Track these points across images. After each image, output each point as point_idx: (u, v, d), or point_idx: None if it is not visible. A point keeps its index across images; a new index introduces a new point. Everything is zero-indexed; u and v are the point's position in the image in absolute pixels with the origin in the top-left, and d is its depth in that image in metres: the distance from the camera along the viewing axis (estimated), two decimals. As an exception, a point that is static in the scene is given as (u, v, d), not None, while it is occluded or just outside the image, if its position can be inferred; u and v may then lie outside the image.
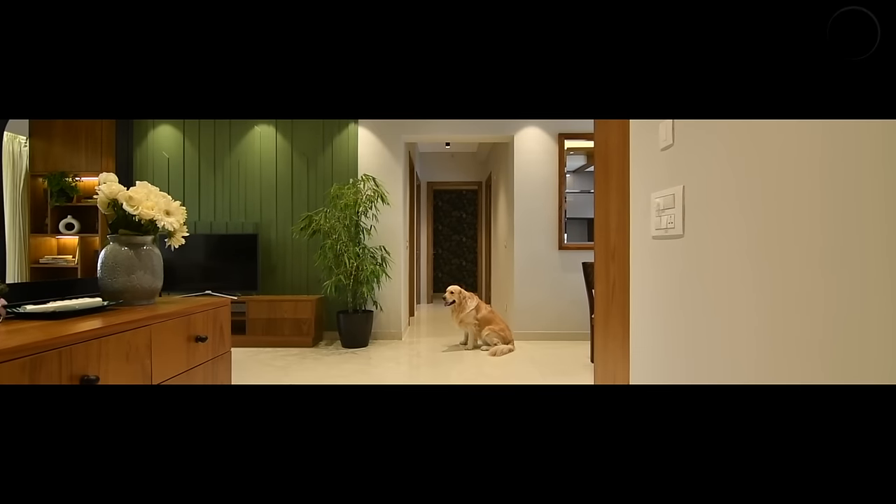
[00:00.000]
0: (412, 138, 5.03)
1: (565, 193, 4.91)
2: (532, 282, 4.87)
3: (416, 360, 4.08)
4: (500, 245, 5.94)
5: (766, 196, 1.13)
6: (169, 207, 1.30)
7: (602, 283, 2.23)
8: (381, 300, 4.83)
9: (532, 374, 3.57)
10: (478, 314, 4.44)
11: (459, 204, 8.87)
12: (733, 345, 1.22)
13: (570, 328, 4.85)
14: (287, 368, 3.74)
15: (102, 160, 4.57)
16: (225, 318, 1.45)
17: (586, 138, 4.90)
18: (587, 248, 4.88)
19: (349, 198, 4.34)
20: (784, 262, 1.05)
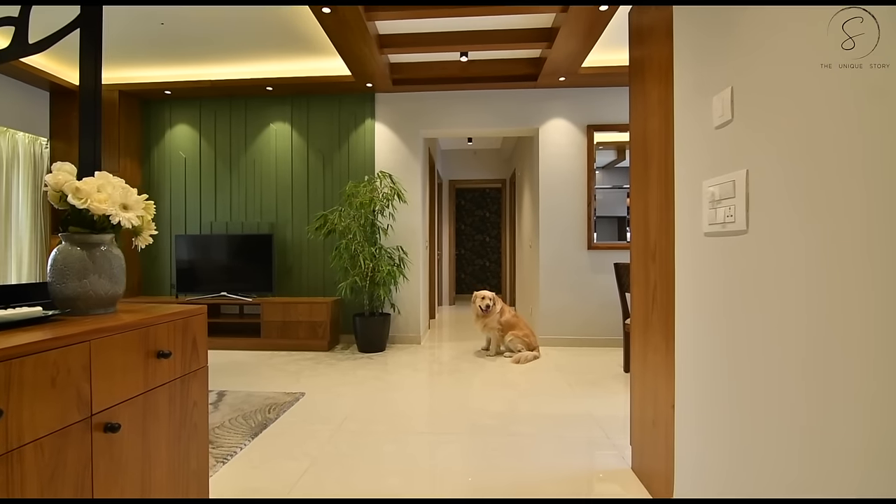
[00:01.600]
0: (431, 133, 4.81)
1: (595, 189, 4.59)
2: (558, 284, 4.58)
3: (435, 366, 3.85)
4: (525, 245, 5.65)
5: (868, 180, 0.84)
6: (126, 200, 1.11)
7: (640, 287, 1.95)
8: (398, 303, 4.62)
9: (559, 385, 3.29)
10: (501, 318, 4.18)
11: (483, 202, 8.61)
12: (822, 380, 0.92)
13: (599, 334, 4.53)
14: (299, 374, 3.57)
15: (120, 160, 4.55)
16: (199, 329, 1.25)
17: (618, 130, 4.56)
18: (619, 248, 4.55)
19: (364, 196, 4.15)
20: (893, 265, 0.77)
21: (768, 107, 1.11)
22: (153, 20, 3.54)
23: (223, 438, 2.32)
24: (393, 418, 2.65)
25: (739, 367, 1.21)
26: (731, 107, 1.27)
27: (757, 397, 1.13)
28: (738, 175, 1.22)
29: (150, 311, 1.17)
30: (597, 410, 2.77)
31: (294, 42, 3.91)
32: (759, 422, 1.12)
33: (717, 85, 1.34)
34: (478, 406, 2.86)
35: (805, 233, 0.97)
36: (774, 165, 1.08)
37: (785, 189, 1.04)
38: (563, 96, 4.59)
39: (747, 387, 1.17)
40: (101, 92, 1.36)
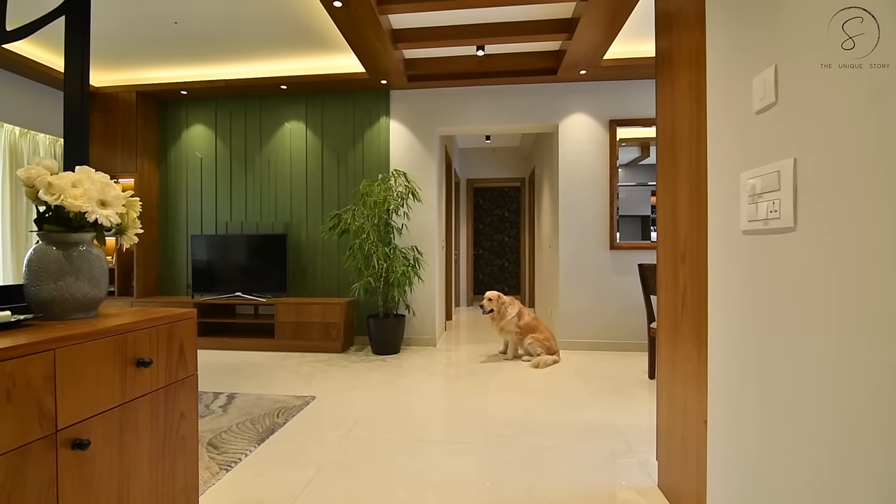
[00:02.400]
0: (448, 130, 4.70)
1: (617, 187, 4.40)
2: (579, 285, 4.41)
3: (451, 370, 3.74)
4: (544, 245, 5.49)
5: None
6: (104, 196, 1.02)
7: (668, 291, 1.79)
8: (413, 304, 4.53)
9: (580, 392, 3.13)
10: (520, 321, 4.03)
11: (501, 202, 8.45)
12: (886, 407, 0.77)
13: (622, 337, 4.34)
14: (312, 376, 3.50)
15: (137, 160, 4.57)
16: (187, 335, 1.16)
17: (642, 124, 4.37)
18: (643, 248, 4.36)
19: (378, 195, 4.06)
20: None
21: (818, 88, 0.96)
22: (167, 20, 3.53)
23: (229, 444, 2.25)
24: (404, 425, 2.55)
25: (780, 383, 1.06)
26: (775, 88, 1.12)
27: (796, 421, 0.98)
28: (784, 165, 1.07)
29: (132, 316, 1.09)
30: (620, 420, 2.61)
31: (308, 40, 3.86)
32: (799, 449, 0.97)
33: (757, 65, 1.18)
34: (493, 413, 2.73)
35: (865, 231, 0.82)
36: (828, 152, 0.93)
37: (841, 179, 0.89)
38: (584, 90, 4.42)
39: (789, 408, 1.02)
40: (89, 84, 1.29)
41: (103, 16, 3.45)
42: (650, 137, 4.41)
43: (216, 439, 2.30)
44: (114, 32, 3.71)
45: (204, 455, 2.12)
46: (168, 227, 4.86)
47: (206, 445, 2.23)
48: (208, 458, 2.09)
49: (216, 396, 2.97)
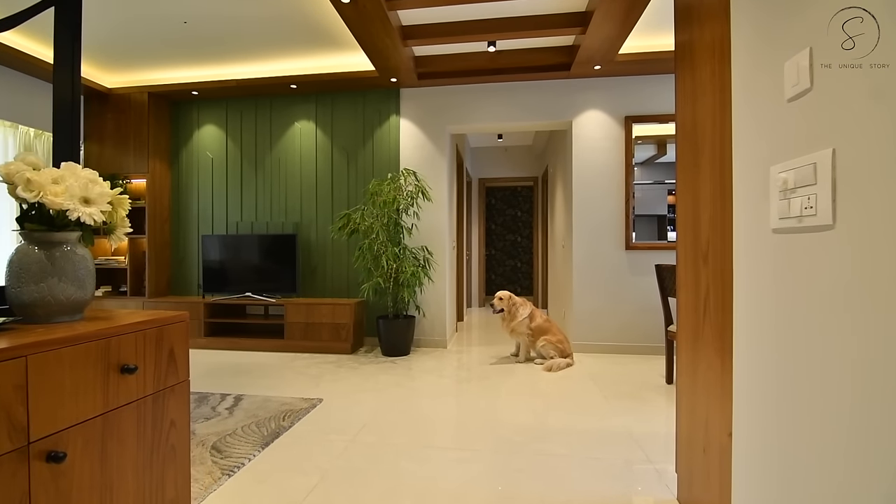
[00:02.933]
0: (458, 129, 4.62)
1: (633, 185, 4.27)
2: (593, 286, 4.29)
3: (461, 372, 3.66)
4: (558, 245, 5.38)
5: None
6: (88, 193, 0.97)
7: (689, 293, 1.69)
8: (423, 305, 4.46)
9: (594, 396, 3.03)
10: (531, 323, 3.94)
11: (514, 201, 8.34)
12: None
13: (638, 340, 4.22)
14: (320, 378, 3.46)
15: (149, 161, 4.59)
16: (177, 339, 1.10)
17: (659, 121, 4.24)
18: (660, 249, 4.22)
19: (387, 195, 4.00)
20: None
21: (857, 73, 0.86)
22: (176, 20, 3.52)
23: (233, 448, 2.21)
24: (412, 430, 2.48)
25: (814, 398, 0.96)
26: (810, 72, 1.02)
27: (831, 440, 0.88)
28: (821, 156, 0.97)
29: (119, 319, 1.04)
30: (636, 427, 2.50)
31: (317, 38, 3.82)
32: (836, 472, 0.87)
33: (788, 50, 1.08)
34: (504, 418, 2.65)
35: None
36: (873, 141, 0.83)
37: (890, 170, 0.79)
38: (599, 86, 4.31)
39: (823, 424, 0.92)
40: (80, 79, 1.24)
41: (112, 16, 3.45)
42: (667, 135, 4.28)
43: (220, 443, 2.26)
44: (124, 33, 3.71)
45: (207, 459, 2.08)
46: (180, 228, 4.88)
47: (210, 449, 2.18)
48: (211, 463, 2.04)
49: (223, 398, 2.94)
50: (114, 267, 4.63)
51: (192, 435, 2.35)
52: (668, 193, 4.35)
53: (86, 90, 4.52)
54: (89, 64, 4.26)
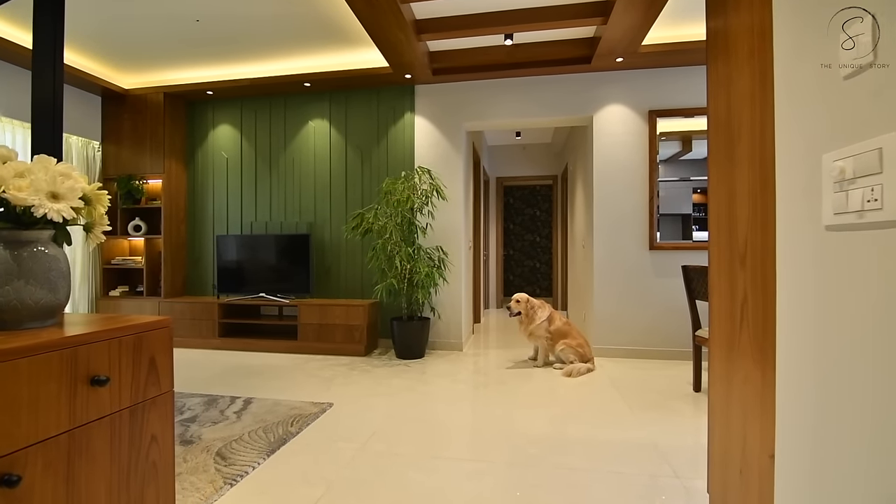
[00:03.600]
0: (475, 126, 4.50)
1: (657, 182, 4.08)
2: (615, 287, 4.11)
3: (477, 377, 3.54)
4: (578, 245, 5.20)
5: None
6: (56, 188, 0.89)
7: (723, 298, 1.53)
8: (439, 306, 4.35)
9: (616, 404, 2.87)
10: (550, 326, 3.79)
11: (533, 201, 8.17)
12: None
13: (663, 345, 4.02)
14: (331, 381, 3.38)
15: (165, 161, 4.60)
16: (159, 347, 1.02)
17: (684, 114, 4.03)
18: (687, 249, 4.02)
19: (401, 193, 3.91)
20: None
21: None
22: (188, 18, 3.49)
23: (238, 454, 2.13)
24: (424, 438, 2.37)
25: (876, 421, 0.81)
26: (873, 43, 0.87)
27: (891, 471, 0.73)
28: (888, 140, 0.82)
29: (92, 326, 0.95)
30: (662, 439, 2.34)
31: (330, 34, 3.75)
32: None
33: (844, 20, 0.93)
34: (520, 427, 2.52)
35: None
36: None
37: None
38: (621, 79, 4.13)
39: (888, 452, 0.77)
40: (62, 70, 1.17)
41: (126, 15, 3.44)
42: (693, 130, 4.07)
43: (225, 449, 2.19)
44: (139, 34, 3.71)
45: (210, 466, 2.01)
46: (195, 228, 4.88)
47: (214, 456, 2.12)
48: (214, 471, 1.97)
49: (232, 401, 2.89)
50: (131, 267, 4.66)
51: (198, 440, 2.29)
52: (694, 192, 4.15)
53: (103, 91, 4.56)
54: (106, 65, 4.29)
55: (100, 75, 4.37)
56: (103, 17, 3.48)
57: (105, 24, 3.58)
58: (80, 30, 3.66)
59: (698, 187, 4.11)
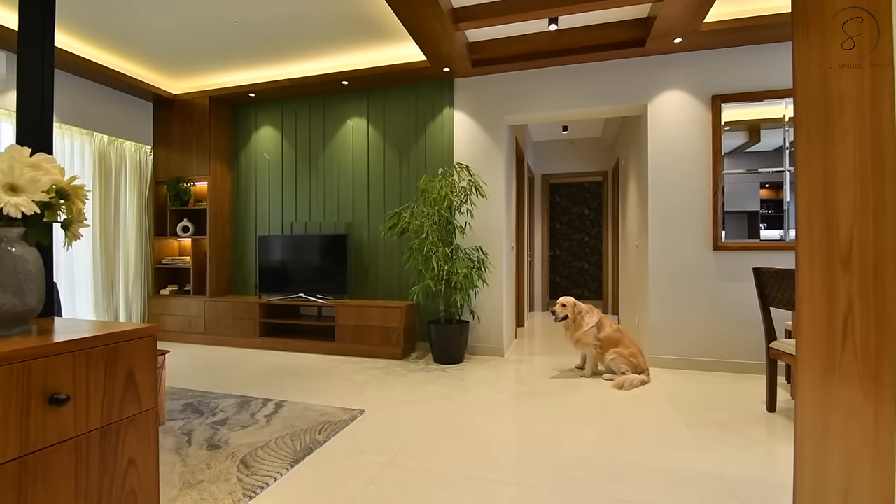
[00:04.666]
0: (517, 119, 4.26)
1: (722, 175, 3.68)
2: (673, 291, 3.75)
3: (518, 385, 3.31)
4: (630, 245, 4.83)
5: None
6: (15, 180, 0.78)
7: (816, 308, 1.24)
8: (478, 309, 4.15)
9: (675, 423, 2.55)
10: (600, 333, 3.49)
11: (581, 199, 7.78)
12: None
13: (729, 356, 3.61)
14: (365, 385, 3.27)
15: (210, 163, 4.69)
16: (140, 359, 0.89)
17: (752, 99, 3.61)
18: (757, 249, 3.60)
19: (439, 191, 3.74)
20: None
21: None
22: (227, 19, 3.50)
23: (262, 463, 2.04)
24: (457, 453, 2.18)
25: None
26: None
27: None
28: None
29: (59, 335, 0.84)
30: (729, 468, 2.03)
31: (366, 30, 3.65)
32: None
33: None
34: (565, 446, 2.27)
35: None
36: None
37: None
38: (680, 63, 3.76)
39: None
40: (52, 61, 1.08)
41: (169, 19, 3.50)
42: (761, 119, 3.64)
43: (250, 456, 2.10)
44: (183, 38, 3.77)
45: (232, 475, 1.93)
46: (239, 228, 4.96)
47: (238, 463, 2.04)
48: (235, 480, 1.89)
49: (265, 404, 2.83)
50: (179, 267, 4.80)
51: (225, 445, 2.22)
52: (762, 187, 3.71)
53: (154, 97, 4.72)
54: (156, 72, 4.43)
55: (151, 82, 4.52)
56: (143, 21, 3.56)
57: (149, 29, 3.66)
58: (130, 37, 3.77)
59: (767, 182, 3.68)
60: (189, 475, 1.93)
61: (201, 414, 2.66)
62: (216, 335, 4.58)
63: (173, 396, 2.97)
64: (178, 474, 1.93)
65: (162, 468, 1.99)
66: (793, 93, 1.38)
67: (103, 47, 3.93)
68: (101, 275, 4.36)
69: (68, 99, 4.10)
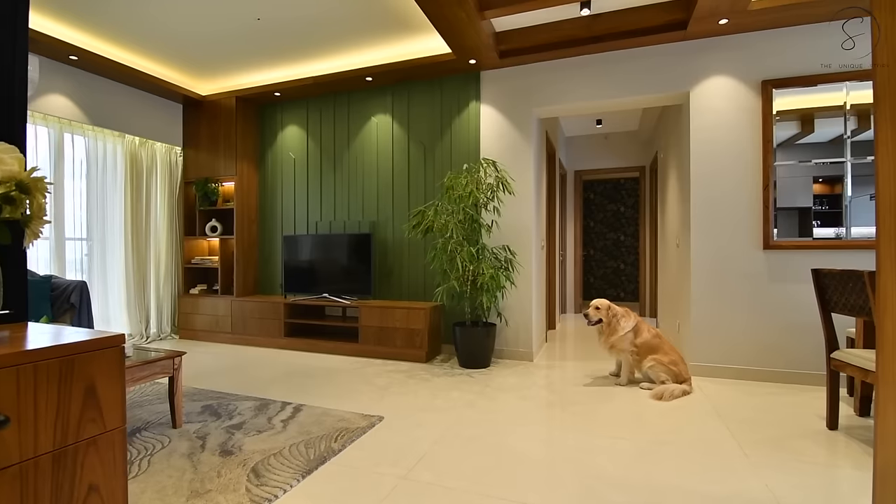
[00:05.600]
0: (547, 112, 4.06)
1: (774, 167, 3.36)
2: (719, 293, 3.46)
3: (547, 393, 3.12)
4: (670, 243, 4.53)
5: None
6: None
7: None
8: (506, 311, 3.97)
9: (722, 440, 2.31)
10: (637, 338, 3.26)
11: (616, 195, 7.44)
12: None
13: (782, 365, 3.30)
14: (386, 390, 3.15)
15: (237, 164, 4.70)
16: (104, 371, 0.79)
17: (808, 83, 3.27)
18: (816, 248, 3.27)
19: (464, 188, 3.59)
20: None
21: None
22: (250, 17, 3.47)
23: (273, 472, 1.95)
24: (478, 468, 2.03)
25: None
26: None
27: None
28: None
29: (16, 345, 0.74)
30: (788, 495, 1.78)
31: (389, 23, 3.54)
32: None
33: None
34: (598, 464, 2.08)
35: None
36: None
37: None
38: (725, 46, 3.46)
39: None
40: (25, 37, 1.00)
41: (192, 18, 3.49)
42: (816, 108, 3.31)
43: (261, 465, 2.02)
44: (208, 38, 3.77)
45: (241, 485, 1.84)
46: (265, 228, 4.96)
47: (249, 472, 1.95)
48: (244, 491, 1.80)
49: (283, 407, 2.76)
50: (208, 266, 4.84)
51: (238, 451, 2.15)
52: (815, 181, 3.37)
53: (184, 99, 4.77)
54: (185, 74, 4.47)
55: (180, 83, 4.57)
56: (174, 21, 3.57)
57: (177, 29, 3.67)
58: (159, 39, 3.80)
59: (821, 175, 3.34)
60: (198, 483, 1.85)
61: (219, 417, 2.60)
62: (242, 335, 4.59)
63: (194, 398, 2.95)
64: (187, 482, 1.86)
65: (172, 475, 1.93)
66: (874, 69, 1.15)
67: (134, 50, 3.99)
68: (132, 274, 4.45)
69: (100, 102, 4.19)
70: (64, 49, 3.65)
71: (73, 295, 3.39)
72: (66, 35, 3.65)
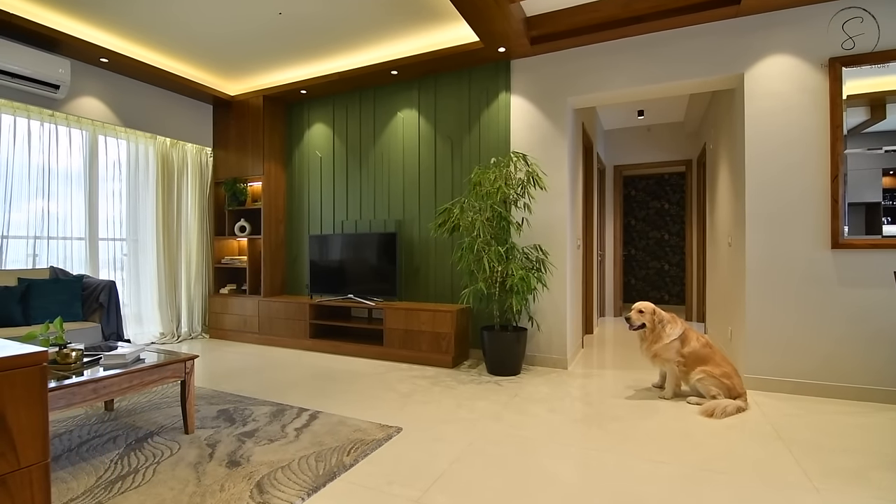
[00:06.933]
0: (583, 101, 3.78)
1: (844, 157, 2.96)
2: (778, 298, 3.09)
3: (582, 406, 2.86)
4: (721, 242, 4.15)
5: None
6: None
7: None
8: (538, 315, 3.73)
9: (784, 466, 1.99)
10: (683, 347, 2.94)
11: (659, 192, 7.01)
12: None
13: (851, 379, 2.90)
14: (408, 397, 2.99)
15: (264, 164, 4.67)
16: (18, 396, 0.65)
17: (883, 59, 2.86)
18: (890, 248, 2.85)
19: (491, 184, 3.38)
20: None
21: None
22: (270, 14, 3.40)
23: (277, 488, 1.82)
24: (500, 492, 1.82)
25: None
26: None
27: None
28: None
29: None
30: (876, 547, 1.48)
31: (413, 13, 3.39)
32: None
33: None
34: (639, 492, 1.82)
35: None
36: None
37: None
38: (785, 20, 3.09)
39: None
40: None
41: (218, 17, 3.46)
42: (888, 91, 2.89)
43: (267, 479, 1.89)
44: (233, 36, 3.74)
45: (243, 501, 1.71)
46: (292, 227, 4.92)
47: (253, 486, 1.83)
48: (244, 509, 1.67)
49: (299, 414, 2.64)
50: (237, 266, 4.85)
51: (246, 463, 2.04)
52: (885, 174, 2.96)
53: (214, 100, 4.80)
54: (215, 75, 4.48)
55: (210, 84, 4.59)
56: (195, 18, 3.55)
57: (205, 29, 3.65)
58: (188, 40, 3.81)
59: (891, 168, 2.92)
60: (199, 498, 1.74)
61: (233, 422, 2.52)
62: (269, 335, 4.56)
63: (212, 401, 2.88)
64: (187, 496, 1.75)
65: (174, 486, 1.83)
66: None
67: (162, 51, 4.02)
68: (164, 274, 4.50)
69: (132, 104, 4.25)
70: (94, 52, 3.71)
71: (101, 294, 3.43)
72: (96, 38, 3.71)
